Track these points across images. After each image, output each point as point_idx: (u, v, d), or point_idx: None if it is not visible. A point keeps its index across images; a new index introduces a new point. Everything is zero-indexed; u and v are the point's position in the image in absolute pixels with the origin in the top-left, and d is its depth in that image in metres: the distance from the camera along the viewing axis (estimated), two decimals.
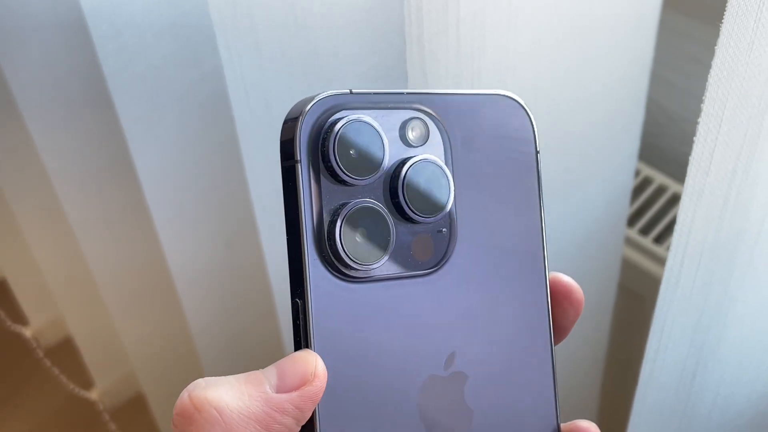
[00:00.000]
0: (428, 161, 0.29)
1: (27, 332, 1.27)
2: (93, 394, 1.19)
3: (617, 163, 0.59)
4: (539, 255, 0.31)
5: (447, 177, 0.30)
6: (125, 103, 0.64)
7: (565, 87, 0.51)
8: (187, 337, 0.85)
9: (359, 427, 0.28)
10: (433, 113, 0.30)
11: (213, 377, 0.27)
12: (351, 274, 0.28)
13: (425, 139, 0.30)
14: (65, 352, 1.21)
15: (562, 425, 0.31)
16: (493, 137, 0.31)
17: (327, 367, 0.27)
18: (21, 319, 1.27)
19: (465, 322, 0.30)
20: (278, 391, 0.27)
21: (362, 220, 0.28)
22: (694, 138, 0.35)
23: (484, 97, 0.31)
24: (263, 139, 0.56)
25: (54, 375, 1.23)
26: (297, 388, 0.27)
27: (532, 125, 0.31)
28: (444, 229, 0.30)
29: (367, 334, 0.28)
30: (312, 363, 0.27)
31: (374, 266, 0.28)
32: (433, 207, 0.29)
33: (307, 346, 0.27)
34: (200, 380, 0.27)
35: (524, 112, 0.31)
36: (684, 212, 0.37)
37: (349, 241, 0.28)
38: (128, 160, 0.68)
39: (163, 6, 0.60)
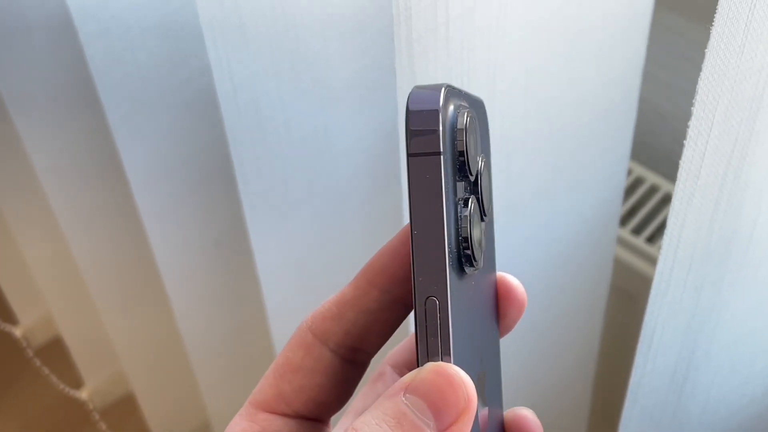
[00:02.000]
0: (488, 161, 0.29)
1: (17, 332, 1.26)
2: (83, 394, 1.19)
3: (609, 163, 0.59)
4: (494, 249, 0.32)
5: (492, 176, 0.30)
6: (113, 102, 0.63)
7: (557, 86, 0.51)
8: (177, 336, 0.85)
9: None
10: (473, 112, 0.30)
11: (359, 426, 0.24)
12: (467, 271, 0.27)
13: None
14: (55, 351, 1.21)
15: (504, 413, 0.31)
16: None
17: None
18: (10, 318, 1.26)
19: (482, 318, 0.30)
20: (440, 431, 0.24)
21: (476, 217, 0.28)
22: (685, 141, 0.35)
23: (472, 98, 0.31)
24: (252, 138, 0.56)
25: (43, 374, 1.23)
26: (457, 420, 0.24)
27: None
28: (483, 227, 0.30)
29: (466, 332, 0.27)
30: (461, 385, 0.24)
31: (480, 263, 0.28)
32: (490, 204, 0.30)
33: (443, 351, 0.26)
34: None
35: (487, 119, 0.32)
36: (675, 216, 0.37)
37: (474, 237, 0.27)
38: (116, 159, 0.67)
39: (150, 4, 0.60)
